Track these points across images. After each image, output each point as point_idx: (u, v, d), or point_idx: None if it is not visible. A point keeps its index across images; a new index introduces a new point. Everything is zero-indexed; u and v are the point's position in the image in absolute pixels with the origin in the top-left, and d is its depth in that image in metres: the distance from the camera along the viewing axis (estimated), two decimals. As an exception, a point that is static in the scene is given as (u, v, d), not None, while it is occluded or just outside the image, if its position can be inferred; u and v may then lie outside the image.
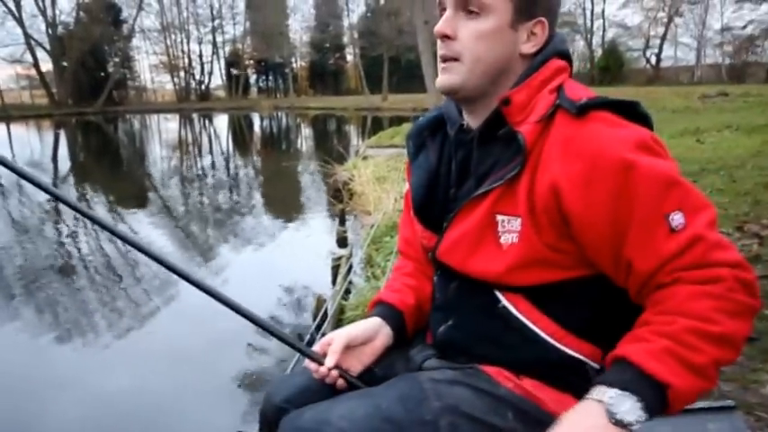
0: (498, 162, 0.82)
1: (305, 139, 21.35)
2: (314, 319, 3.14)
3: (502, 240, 0.80)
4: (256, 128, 27.61)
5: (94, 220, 0.96)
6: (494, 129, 0.83)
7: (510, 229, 0.79)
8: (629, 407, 0.67)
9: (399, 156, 8.42)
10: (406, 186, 1.04)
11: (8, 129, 23.33)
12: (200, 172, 12.51)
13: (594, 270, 0.80)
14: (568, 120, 0.76)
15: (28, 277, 5.00)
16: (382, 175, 6.58)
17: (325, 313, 2.87)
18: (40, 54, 38.21)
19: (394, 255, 3.23)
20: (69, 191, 10.00)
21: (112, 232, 0.96)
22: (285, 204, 8.41)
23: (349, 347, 0.93)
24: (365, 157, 8.23)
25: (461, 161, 0.89)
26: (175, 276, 0.95)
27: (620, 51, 32.19)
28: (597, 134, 0.74)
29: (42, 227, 7.38)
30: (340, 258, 3.86)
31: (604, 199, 0.72)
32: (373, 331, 0.97)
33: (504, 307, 0.83)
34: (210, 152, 17.00)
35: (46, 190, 0.93)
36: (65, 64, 37.90)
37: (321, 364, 0.93)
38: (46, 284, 4.83)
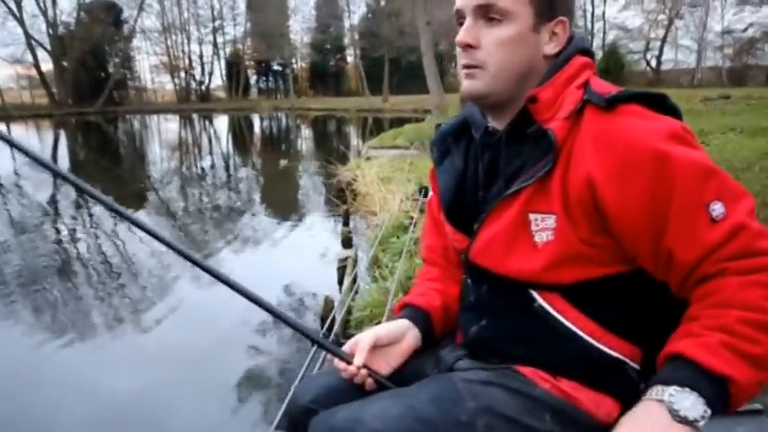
0: (528, 161, 0.81)
1: (305, 140, 21.35)
2: (322, 321, 3.11)
3: (536, 239, 0.79)
4: (257, 129, 27.61)
5: (107, 205, 0.97)
6: (521, 128, 0.83)
7: (544, 227, 0.78)
8: (691, 403, 0.65)
9: (402, 157, 8.41)
10: (430, 194, 1.07)
11: (8, 128, 23.31)
12: (200, 173, 12.49)
13: (632, 266, 0.78)
14: (598, 114, 0.76)
15: (27, 277, 4.97)
16: (387, 175, 6.55)
17: (334, 314, 2.84)
18: (41, 54, 38.24)
19: (401, 255, 3.20)
20: (69, 191, 9.98)
21: (132, 221, 0.97)
22: (287, 205, 8.38)
23: (376, 348, 0.92)
24: (368, 158, 8.21)
25: (489, 163, 0.89)
26: (175, 276, 0.93)
27: (620, 54, 32.14)
28: (629, 126, 0.73)
29: (41, 226, 7.35)
30: (346, 259, 3.82)
31: (641, 191, 0.72)
32: (400, 333, 0.96)
33: (540, 306, 0.82)
34: (211, 153, 16.99)
35: (61, 176, 0.93)
36: (65, 64, 37.91)
37: (349, 363, 0.91)
38: (46, 284, 4.80)
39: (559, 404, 0.80)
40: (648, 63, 35.52)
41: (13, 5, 35.49)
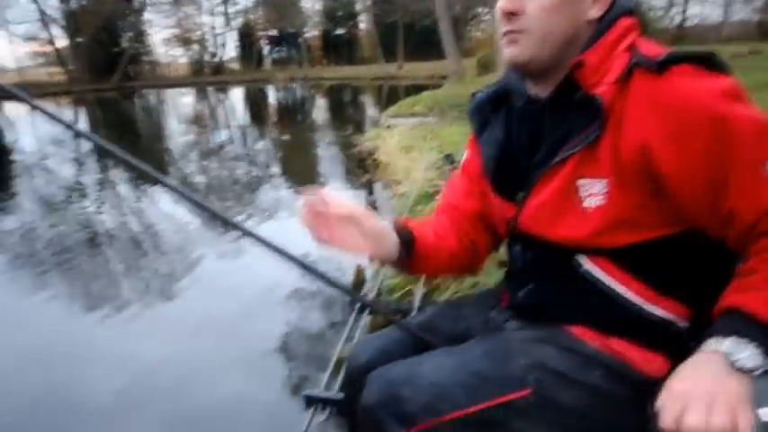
0: (574, 128, 0.80)
1: (321, 109, 21.20)
2: (354, 289, 3.11)
3: (585, 204, 0.80)
4: (272, 100, 27.48)
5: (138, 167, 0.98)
6: (565, 95, 0.83)
7: (593, 192, 0.79)
8: (749, 353, 0.67)
9: (423, 125, 8.28)
10: (464, 156, 1.08)
11: (25, 109, 23.49)
12: (218, 146, 12.50)
13: (682, 226, 0.79)
14: (649, 77, 0.75)
15: (58, 250, 5.07)
16: (408, 144, 6.46)
17: (366, 282, 2.84)
18: (55, 31, 38.24)
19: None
20: (92, 165, 10.09)
21: (167, 185, 1.01)
22: (307, 177, 8.37)
23: (353, 220, 0.92)
24: (388, 127, 8.10)
25: (532, 132, 0.89)
26: (202, 247, 0.95)
27: (642, 11, 30.99)
28: (683, 87, 0.73)
29: (68, 201, 7.47)
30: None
31: (700, 152, 0.71)
32: (380, 229, 0.95)
33: (587, 270, 0.84)
34: (228, 125, 16.99)
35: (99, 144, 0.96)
36: (80, 40, 37.89)
37: (389, 319, 1.01)
38: (77, 257, 4.89)
39: (609, 361, 0.82)
40: (672, 20, 34.17)
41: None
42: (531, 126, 0.89)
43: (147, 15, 44.34)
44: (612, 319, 0.83)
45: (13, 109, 23.36)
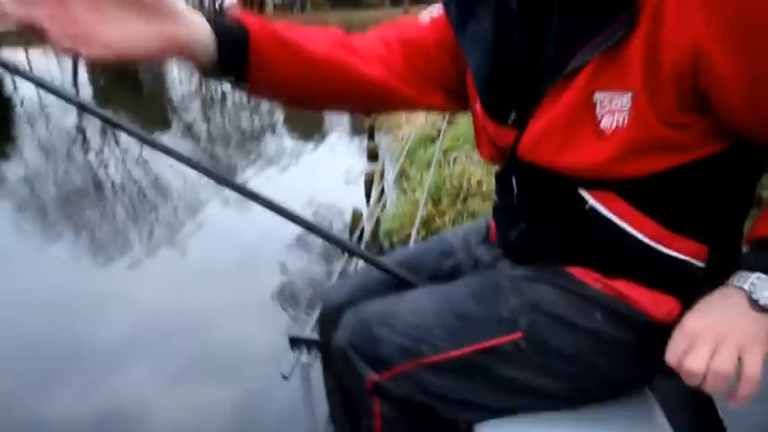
0: (591, 26, 0.63)
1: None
2: (350, 234, 3.16)
3: (603, 125, 0.65)
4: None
5: (131, 132, 0.90)
6: None
7: (614, 108, 0.63)
8: None
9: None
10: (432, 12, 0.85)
11: (26, 55, 23.12)
12: (221, 94, 12.34)
13: (714, 148, 0.66)
14: None
15: (64, 201, 5.13)
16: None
17: (362, 226, 2.88)
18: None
19: (429, 166, 3.15)
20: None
21: (151, 144, 0.92)
22: (309, 124, 8.30)
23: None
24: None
25: (533, 30, 0.69)
26: (204, 195, 0.92)
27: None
28: None
29: (72, 152, 7.48)
30: (372, 173, 3.81)
31: (763, 52, 0.57)
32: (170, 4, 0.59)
33: (592, 207, 0.71)
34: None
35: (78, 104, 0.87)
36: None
37: (378, 266, 0.85)
38: (82, 207, 4.95)
39: (612, 303, 0.72)
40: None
41: None
42: (534, 23, 0.70)
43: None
44: (618, 260, 0.72)
45: (13, 55, 22.94)
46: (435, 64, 0.82)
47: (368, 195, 3.80)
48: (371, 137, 5.40)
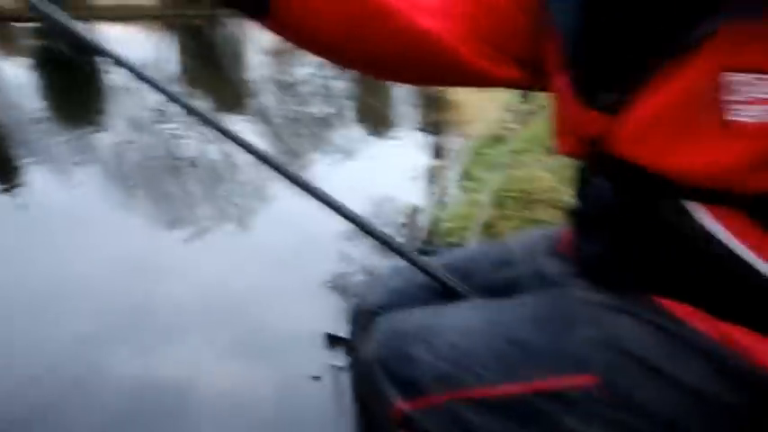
0: None
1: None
2: (407, 232, 3.13)
3: (736, 117, 0.49)
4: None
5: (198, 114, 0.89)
6: None
7: (756, 96, 0.47)
8: None
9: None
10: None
11: (122, 32, 24.67)
12: (295, 80, 12.61)
13: None
14: None
15: (144, 173, 5.44)
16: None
17: (418, 223, 2.83)
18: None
19: (496, 167, 3.06)
20: (177, 90, 10.48)
21: (215, 126, 0.90)
22: (377, 115, 8.32)
23: None
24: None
25: None
26: (272, 179, 0.89)
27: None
28: None
29: (155, 126, 7.90)
30: (435, 169, 3.75)
31: None
32: None
33: (704, 226, 0.55)
34: (306, 59, 17.02)
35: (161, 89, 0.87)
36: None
37: (414, 263, 0.73)
38: (160, 179, 5.23)
39: (721, 352, 0.54)
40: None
41: None
42: None
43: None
44: (733, 296, 0.55)
45: (106, 29, 24.59)
46: (507, 24, 0.67)
47: (429, 194, 3.75)
48: (438, 133, 5.33)
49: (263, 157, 0.87)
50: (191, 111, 0.83)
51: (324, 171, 5.41)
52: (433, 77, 0.80)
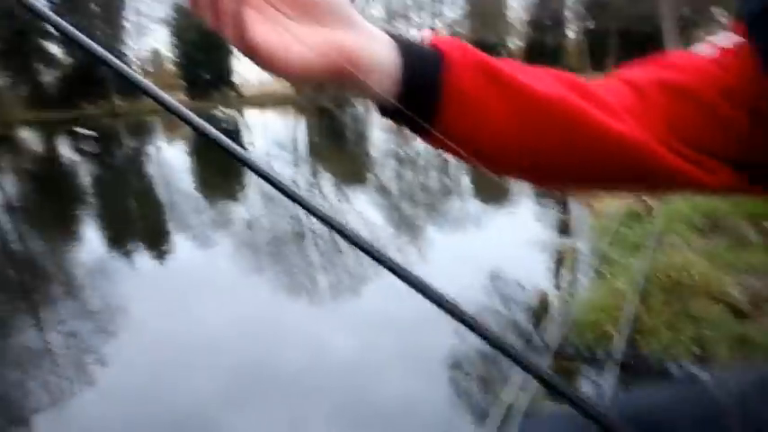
0: None
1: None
2: (535, 320, 2.85)
3: None
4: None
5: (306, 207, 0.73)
6: None
7: None
8: None
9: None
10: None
11: (262, 116, 27.86)
12: (414, 154, 13.03)
13: None
14: None
15: (273, 241, 5.78)
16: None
17: (549, 313, 2.55)
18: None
19: (636, 249, 2.71)
20: (305, 167, 11.33)
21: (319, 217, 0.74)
22: (495, 187, 8.16)
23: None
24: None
25: None
26: (391, 250, 0.76)
27: None
28: None
29: (284, 198, 8.51)
30: (563, 249, 3.44)
31: None
32: (364, 34, 0.44)
33: None
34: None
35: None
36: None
37: (562, 393, 0.56)
38: (285, 248, 5.51)
39: None
40: None
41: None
42: None
43: (363, 32, 48.88)
44: None
45: (253, 114, 27.97)
46: (721, 122, 0.54)
47: (556, 275, 3.42)
48: (564, 207, 5.00)
49: (353, 239, 0.70)
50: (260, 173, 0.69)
51: (441, 243, 5.33)
52: (627, 185, 0.67)
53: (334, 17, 0.42)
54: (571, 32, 47.23)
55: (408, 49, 0.46)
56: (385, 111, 0.47)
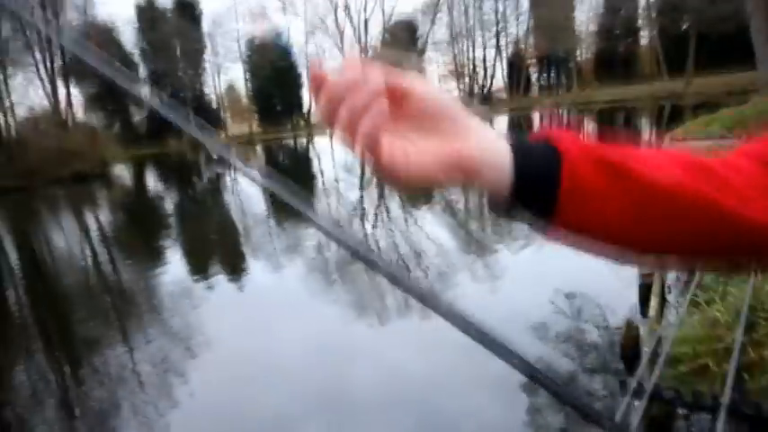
0: None
1: (586, 135, 19.93)
2: (622, 350, 2.66)
3: None
4: (535, 127, 27.12)
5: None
6: None
7: None
8: None
9: (720, 149, 6.85)
10: None
11: (331, 143, 28.73)
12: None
13: None
14: None
15: (340, 264, 5.86)
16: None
17: (639, 345, 2.37)
18: (354, 76, 46.10)
19: (737, 275, 2.46)
20: (373, 190, 11.47)
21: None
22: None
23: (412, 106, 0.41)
24: (673, 152, 6.97)
25: None
26: (457, 271, 0.72)
27: None
28: None
29: (352, 220, 8.66)
30: (651, 275, 3.20)
31: None
32: (477, 145, 0.43)
33: None
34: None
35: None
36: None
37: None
38: (352, 271, 5.56)
39: None
40: None
41: (337, 38, 43.81)
42: None
43: (428, 54, 49.45)
44: None
45: (321, 141, 29.03)
46: None
47: (644, 303, 3.17)
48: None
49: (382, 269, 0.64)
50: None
51: (511, 264, 5.16)
52: (760, 266, 0.63)
53: (449, 124, 0.43)
54: (644, 39, 45.28)
55: (524, 147, 0.46)
56: (498, 206, 0.47)
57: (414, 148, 0.41)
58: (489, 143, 0.44)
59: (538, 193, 0.45)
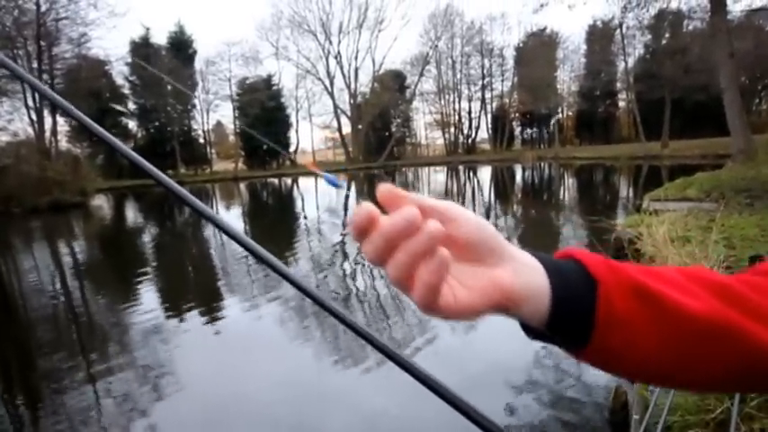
0: None
1: (570, 189, 20.33)
2: (611, 416, 2.60)
3: None
4: (518, 178, 27.65)
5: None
6: None
7: None
8: None
9: (698, 211, 7.03)
10: None
11: (315, 181, 28.75)
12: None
13: None
14: None
15: (317, 306, 5.76)
16: (681, 234, 5.50)
17: (628, 411, 2.31)
18: (343, 120, 46.82)
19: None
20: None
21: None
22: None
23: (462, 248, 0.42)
24: (652, 213, 7.13)
25: None
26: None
27: None
28: None
29: (331, 261, 8.57)
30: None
31: None
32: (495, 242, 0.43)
33: None
34: (473, 201, 17.58)
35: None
36: (360, 127, 45.39)
37: None
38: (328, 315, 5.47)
39: None
40: None
41: (327, 84, 44.67)
42: None
43: (415, 104, 50.72)
44: None
45: (305, 182, 29.11)
46: None
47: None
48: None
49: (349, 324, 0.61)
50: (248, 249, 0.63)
51: (495, 320, 5.12)
52: None
53: (489, 254, 0.43)
54: (622, 102, 47.20)
55: (560, 275, 0.46)
56: (532, 330, 0.48)
57: (461, 290, 0.41)
58: (528, 274, 0.44)
59: (574, 322, 0.45)
